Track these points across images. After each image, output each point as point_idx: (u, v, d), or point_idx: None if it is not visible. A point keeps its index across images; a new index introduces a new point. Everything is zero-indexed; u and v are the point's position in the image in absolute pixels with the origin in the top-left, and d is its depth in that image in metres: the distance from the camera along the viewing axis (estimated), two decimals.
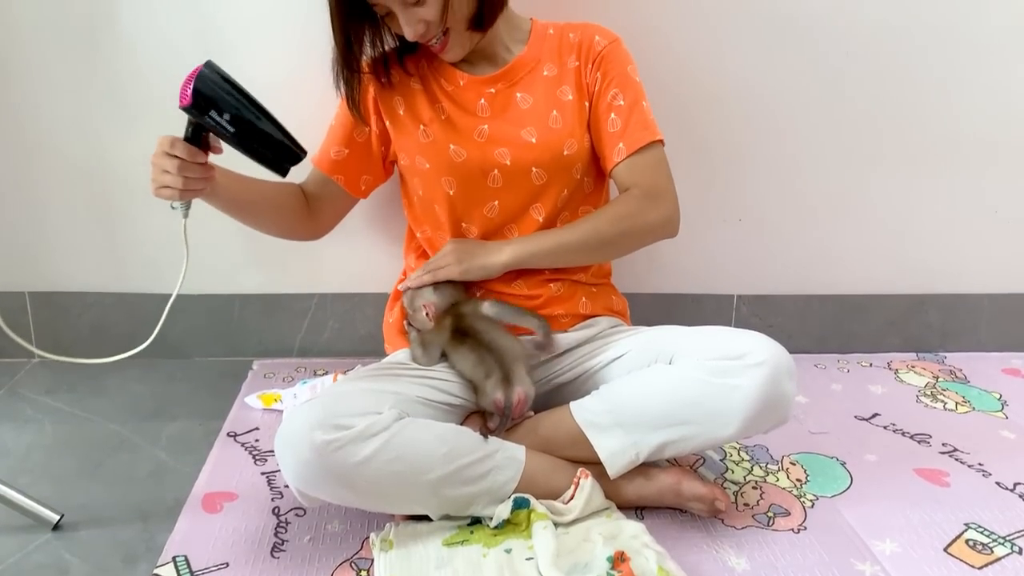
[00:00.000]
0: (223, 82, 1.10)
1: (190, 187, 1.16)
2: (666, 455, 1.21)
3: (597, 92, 1.34)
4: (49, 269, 1.70)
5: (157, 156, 1.15)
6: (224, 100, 1.10)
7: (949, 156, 1.74)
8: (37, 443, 1.43)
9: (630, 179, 1.33)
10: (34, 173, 1.63)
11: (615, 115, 1.33)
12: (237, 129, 1.11)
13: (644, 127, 1.33)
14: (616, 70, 1.34)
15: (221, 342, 1.76)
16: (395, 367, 1.30)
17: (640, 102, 1.34)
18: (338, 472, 1.07)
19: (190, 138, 1.14)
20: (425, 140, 1.34)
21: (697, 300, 1.80)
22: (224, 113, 1.10)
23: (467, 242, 1.35)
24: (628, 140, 1.32)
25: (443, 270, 1.32)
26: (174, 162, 1.13)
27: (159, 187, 1.16)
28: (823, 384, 1.69)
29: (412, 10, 1.21)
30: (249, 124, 1.12)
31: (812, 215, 1.77)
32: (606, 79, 1.33)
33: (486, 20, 1.27)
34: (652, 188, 1.33)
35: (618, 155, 1.32)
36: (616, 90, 1.33)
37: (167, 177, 1.14)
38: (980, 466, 1.39)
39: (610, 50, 1.34)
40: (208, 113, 1.10)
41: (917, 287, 1.83)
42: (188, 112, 1.11)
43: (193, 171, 1.15)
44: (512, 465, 1.18)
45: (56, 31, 1.55)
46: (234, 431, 1.47)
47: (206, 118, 1.10)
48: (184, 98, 1.09)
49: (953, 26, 1.65)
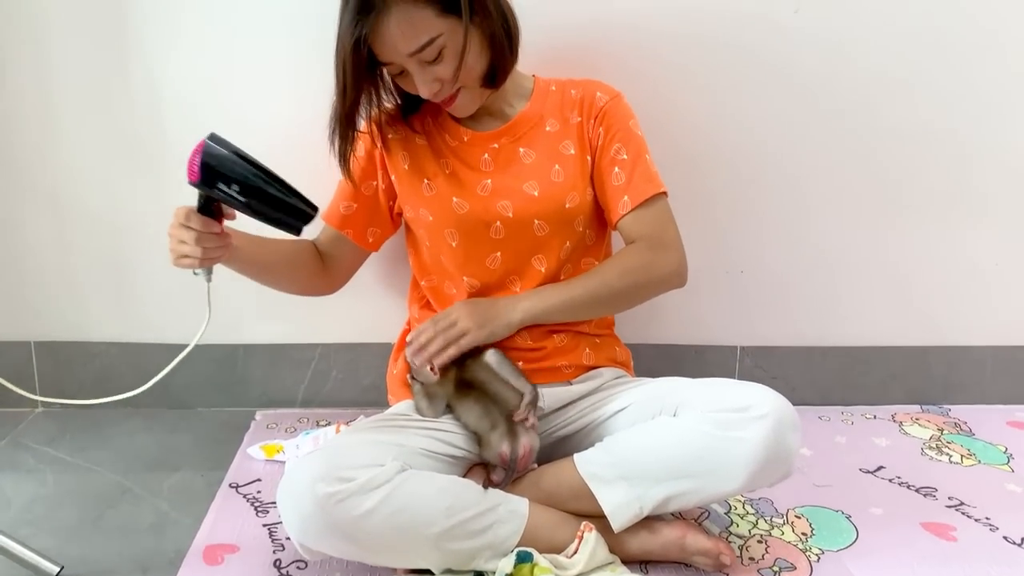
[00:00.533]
0: (228, 153, 1.11)
1: (209, 256, 1.17)
2: (671, 508, 1.20)
3: (600, 147, 1.36)
4: (54, 319, 1.71)
5: (174, 228, 1.16)
6: (231, 171, 1.11)
7: (949, 209, 1.76)
8: (38, 494, 1.42)
9: (636, 231, 1.34)
10: (41, 223, 1.65)
11: (619, 169, 1.35)
12: (247, 197, 1.12)
13: (648, 180, 1.34)
14: (618, 125, 1.36)
15: (224, 392, 1.76)
16: (398, 418, 1.30)
17: (643, 155, 1.36)
18: (340, 525, 1.07)
19: (203, 208, 1.15)
20: (429, 194, 1.36)
21: (700, 352, 1.80)
22: (232, 183, 1.11)
23: (478, 303, 1.34)
24: (632, 193, 1.34)
25: (465, 338, 1.28)
26: (191, 234, 1.15)
27: (178, 257, 1.18)
28: (827, 436, 1.69)
29: (429, 69, 1.22)
30: (259, 191, 1.12)
31: (815, 267, 1.77)
32: (609, 133, 1.36)
33: (498, 78, 1.29)
34: (659, 239, 1.34)
35: (623, 208, 1.34)
36: (619, 144, 1.35)
37: (185, 247, 1.16)
38: (987, 520, 1.38)
39: (612, 105, 1.37)
40: (216, 185, 1.11)
41: (920, 339, 1.83)
42: (197, 187, 1.12)
43: (210, 241, 1.17)
44: (515, 519, 1.17)
45: (68, 83, 1.58)
46: (236, 482, 1.47)
47: (215, 190, 1.11)
48: (192, 173, 1.11)
49: (954, 79, 1.68)
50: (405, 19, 1.17)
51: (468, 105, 1.31)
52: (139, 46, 1.57)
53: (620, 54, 1.59)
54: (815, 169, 1.71)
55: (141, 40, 1.56)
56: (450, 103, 1.30)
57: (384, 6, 1.16)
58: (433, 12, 1.18)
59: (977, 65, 1.67)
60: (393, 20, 1.17)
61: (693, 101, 1.65)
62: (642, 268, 1.33)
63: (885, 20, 1.63)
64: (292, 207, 1.15)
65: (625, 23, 1.59)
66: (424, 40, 1.19)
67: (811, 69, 1.64)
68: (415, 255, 1.48)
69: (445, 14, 1.18)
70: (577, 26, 1.57)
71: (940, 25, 1.64)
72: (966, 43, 1.66)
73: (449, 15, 1.19)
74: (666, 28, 1.60)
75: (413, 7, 1.17)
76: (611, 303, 1.37)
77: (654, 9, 1.59)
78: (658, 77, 1.62)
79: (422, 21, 1.18)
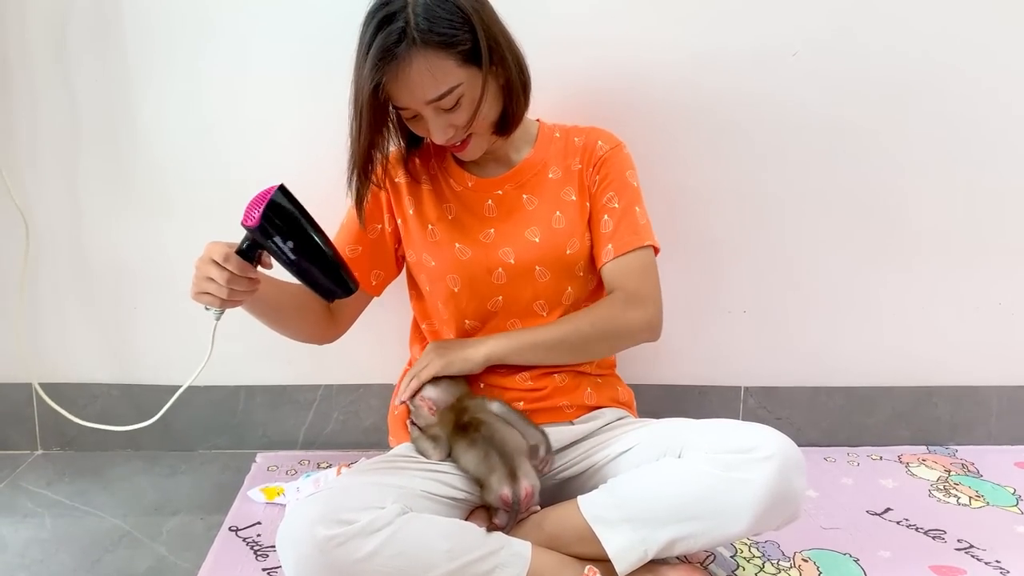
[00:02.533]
0: (293, 209, 1.11)
1: (234, 299, 1.16)
2: (676, 552, 1.18)
3: (595, 194, 1.37)
4: (55, 360, 1.71)
5: (205, 263, 1.14)
6: (291, 227, 1.10)
7: (952, 248, 1.76)
8: (36, 537, 1.41)
9: (616, 281, 1.36)
10: (42, 264, 1.65)
11: (608, 216, 1.36)
12: (297, 256, 1.12)
13: (634, 231, 1.36)
14: (615, 174, 1.37)
15: (225, 434, 1.75)
16: (399, 460, 1.29)
17: (633, 207, 1.37)
18: (340, 568, 1.05)
19: (244, 251, 1.13)
20: (432, 240, 1.36)
21: (704, 392, 1.79)
22: (288, 240, 1.10)
23: (449, 341, 1.38)
24: (617, 242, 1.35)
25: (425, 369, 1.32)
26: (223, 274, 1.13)
27: (200, 292, 1.16)
28: (833, 478, 1.67)
29: (444, 116, 1.23)
30: (310, 254, 1.12)
31: (818, 307, 1.77)
32: (604, 181, 1.37)
33: (510, 126, 1.31)
34: (635, 292, 1.35)
35: (606, 256, 1.35)
36: (612, 193, 1.36)
37: (211, 286, 1.14)
38: (997, 563, 1.36)
39: (611, 155, 1.38)
40: (273, 238, 1.10)
41: (925, 379, 1.82)
42: (251, 232, 1.11)
43: (240, 284, 1.15)
44: (517, 562, 1.15)
45: (69, 123, 1.60)
46: (236, 525, 1.45)
47: (269, 242, 1.10)
48: (250, 218, 1.09)
49: (954, 117, 1.69)
50: (427, 68, 1.18)
51: (477, 151, 1.32)
52: (143, 87, 1.59)
53: (620, 99, 1.60)
54: (817, 209, 1.72)
55: (145, 80, 1.58)
56: (460, 149, 1.30)
57: (407, 54, 1.17)
58: (455, 62, 1.19)
59: (977, 105, 1.69)
60: (415, 68, 1.17)
61: (694, 142, 1.66)
62: (613, 319, 1.34)
63: (883, 63, 1.65)
64: (337, 278, 1.16)
65: (625, 71, 1.61)
66: (444, 89, 1.19)
67: (812, 111, 1.66)
68: (416, 298, 1.48)
69: (466, 64, 1.20)
70: (580, 72, 1.59)
71: (939, 66, 1.66)
72: (966, 83, 1.67)
73: (470, 65, 1.20)
74: (666, 75, 1.62)
75: (435, 56, 1.17)
76: (580, 349, 1.36)
77: (654, 56, 1.61)
78: (658, 120, 1.63)
79: (444, 70, 1.19)
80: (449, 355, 1.32)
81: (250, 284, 1.17)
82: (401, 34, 1.16)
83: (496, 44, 1.22)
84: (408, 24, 1.16)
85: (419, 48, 1.17)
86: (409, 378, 1.33)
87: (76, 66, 1.57)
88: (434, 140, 1.27)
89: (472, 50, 1.19)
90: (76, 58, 1.57)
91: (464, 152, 1.31)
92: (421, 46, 1.16)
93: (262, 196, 1.10)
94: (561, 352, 1.34)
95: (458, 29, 1.18)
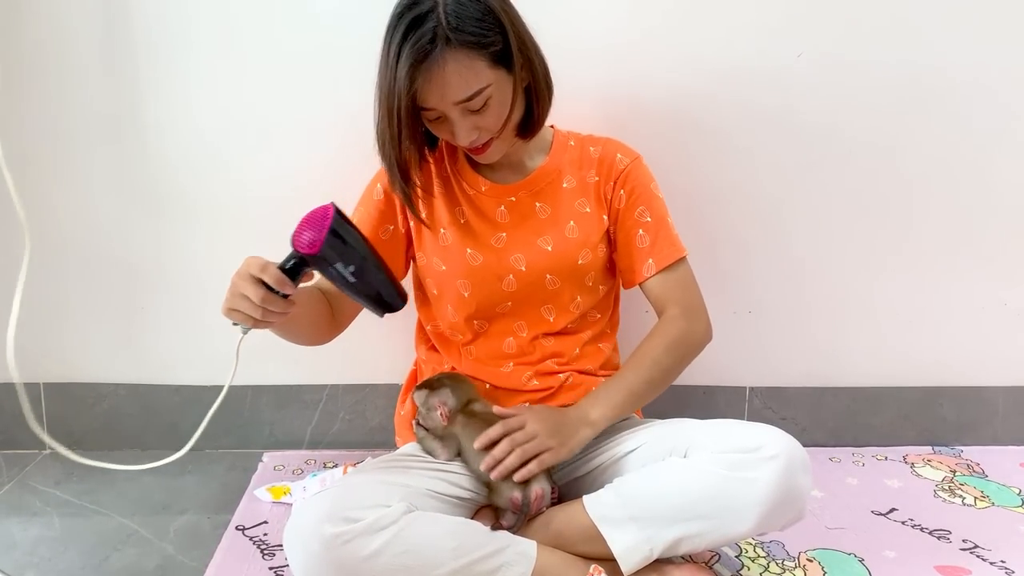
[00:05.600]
0: (352, 232, 1.07)
1: (267, 319, 1.09)
2: (681, 551, 1.19)
3: (623, 209, 1.37)
4: (64, 360, 1.72)
5: (242, 278, 1.07)
6: (352, 253, 1.07)
7: (957, 249, 1.76)
8: (44, 536, 1.42)
9: (664, 295, 1.37)
10: (49, 263, 1.65)
11: (643, 231, 1.37)
12: (357, 280, 1.09)
13: (672, 244, 1.37)
14: (640, 188, 1.38)
15: (232, 434, 1.75)
16: (405, 459, 1.29)
17: (666, 219, 1.38)
18: (346, 566, 1.06)
19: (288, 269, 1.06)
20: (444, 243, 1.36)
21: (709, 392, 1.80)
22: (350, 265, 1.07)
23: (547, 414, 1.27)
24: (657, 257, 1.36)
25: (547, 455, 1.21)
26: (259, 292, 1.06)
27: (231, 309, 1.09)
28: (838, 478, 1.67)
29: (471, 117, 1.22)
30: (372, 275, 1.11)
31: (823, 307, 1.77)
32: (632, 196, 1.37)
33: (533, 129, 1.31)
34: (690, 306, 1.37)
35: (648, 271, 1.37)
36: (643, 207, 1.37)
37: (245, 304, 1.07)
38: (1002, 563, 1.36)
39: (633, 168, 1.38)
40: (334, 264, 1.07)
41: (930, 380, 1.82)
42: (309, 258, 1.05)
43: (276, 305, 1.08)
44: (523, 561, 1.16)
45: (79, 124, 1.61)
46: (243, 524, 1.46)
47: (330, 268, 1.07)
48: (308, 244, 1.04)
49: (957, 119, 1.69)
50: (459, 68, 1.16)
51: (497, 153, 1.30)
52: (153, 87, 1.59)
53: (625, 103, 1.61)
54: (822, 210, 1.72)
55: (152, 81, 1.59)
56: (481, 151, 1.29)
57: (440, 55, 1.15)
58: (486, 63, 1.18)
59: (983, 106, 1.69)
60: (449, 68, 1.16)
61: (700, 145, 1.66)
62: (684, 341, 1.35)
63: (888, 67, 1.64)
64: (392, 294, 1.15)
65: (631, 76, 1.62)
66: (475, 89, 1.18)
67: (816, 114, 1.66)
68: (421, 301, 1.48)
69: (496, 65, 1.19)
70: (588, 77, 1.60)
71: (943, 68, 1.66)
72: (973, 85, 1.67)
73: (499, 66, 1.20)
74: (672, 80, 1.62)
75: (467, 56, 1.16)
76: (663, 381, 1.35)
77: (660, 62, 1.61)
78: (664, 124, 1.63)
79: (475, 71, 1.17)
80: (570, 443, 1.24)
81: (286, 306, 1.09)
82: (433, 34, 1.15)
83: (524, 46, 1.22)
84: (440, 24, 1.14)
85: (452, 48, 1.15)
86: (522, 457, 1.20)
87: (83, 67, 1.58)
88: (459, 142, 1.25)
89: (502, 51, 1.19)
90: (83, 59, 1.57)
91: (485, 155, 1.29)
92: (456, 46, 1.15)
93: (318, 219, 1.05)
94: (650, 392, 1.34)
95: (488, 29, 1.17)
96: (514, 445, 1.21)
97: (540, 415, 1.26)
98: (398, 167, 1.25)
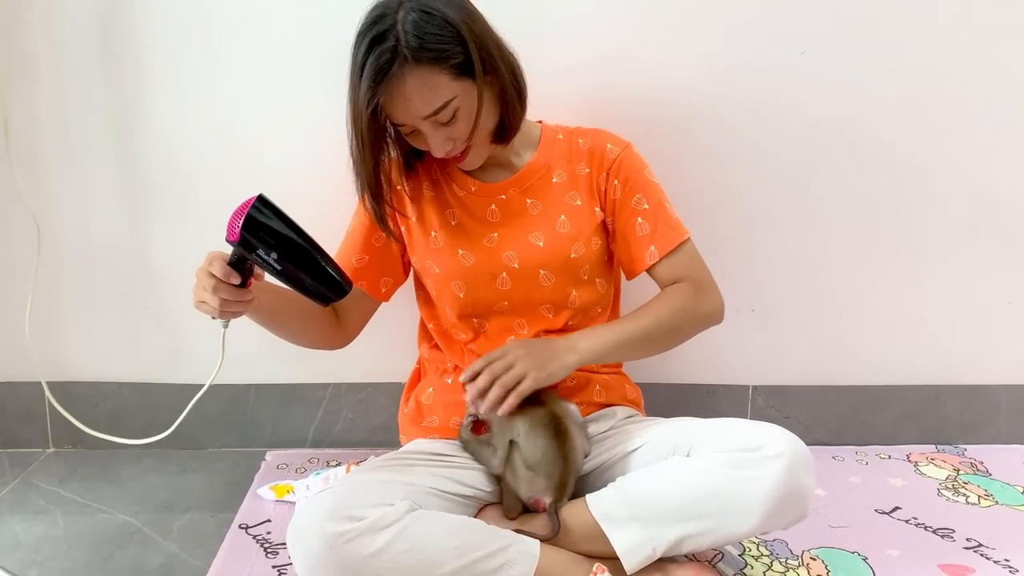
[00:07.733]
0: (274, 219, 1.10)
1: (226, 308, 1.15)
2: (684, 550, 1.19)
3: (619, 199, 1.37)
4: (66, 359, 1.72)
5: (201, 271, 1.14)
6: (271, 238, 1.09)
7: (960, 247, 1.75)
8: (48, 535, 1.42)
9: (673, 276, 1.37)
10: (52, 263, 1.66)
11: (641, 219, 1.36)
12: (283, 266, 1.11)
13: (672, 228, 1.37)
14: (635, 175, 1.37)
15: (235, 432, 1.76)
16: (408, 457, 1.29)
17: (664, 204, 1.38)
18: (349, 564, 1.06)
19: (234, 263, 1.13)
20: (436, 246, 1.37)
21: (712, 391, 1.79)
22: (272, 251, 1.09)
23: (532, 344, 1.28)
24: (659, 243, 1.36)
25: (525, 383, 1.20)
26: (211, 282, 1.12)
27: (198, 301, 1.16)
28: (841, 477, 1.67)
29: (442, 129, 1.23)
30: (297, 261, 1.12)
31: (826, 305, 1.77)
32: (627, 185, 1.37)
33: (508, 134, 1.30)
34: (699, 280, 1.37)
35: (651, 258, 1.36)
36: (639, 195, 1.37)
37: (204, 294, 1.14)
38: (1006, 562, 1.36)
39: (624, 156, 1.38)
40: (256, 251, 1.09)
41: (933, 378, 1.82)
42: (234, 246, 1.11)
43: (229, 294, 1.14)
44: (526, 559, 1.16)
45: (84, 125, 1.61)
46: (246, 523, 1.46)
47: (254, 255, 1.10)
48: (231, 233, 1.09)
49: (962, 117, 1.68)
50: (421, 84, 1.18)
51: (477, 160, 1.32)
52: (155, 89, 1.59)
53: (626, 101, 1.61)
54: (825, 208, 1.71)
55: (158, 82, 1.59)
56: (460, 159, 1.30)
57: (400, 72, 1.16)
58: (448, 76, 1.18)
59: (988, 104, 1.68)
60: (409, 85, 1.17)
61: (701, 143, 1.66)
62: (690, 307, 1.34)
63: (889, 65, 1.64)
64: (328, 281, 1.15)
65: (631, 74, 1.61)
66: (439, 103, 1.19)
67: (820, 112, 1.66)
68: (423, 300, 1.48)
69: (459, 76, 1.19)
70: (586, 75, 1.60)
71: (950, 66, 1.65)
72: (978, 83, 1.67)
73: (463, 77, 1.20)
74: (673, 77, 1.62)
75: (428, 72, 1.17)
76: (662, 341, 1.35)
77: (660, 59, 1.61)
78: (665, 121, 1.63)
79: (437, 85, 1.18)
80: (549, 367, 1.23)
81: (239, 294, 1.15)
82: (393, 52, 1.16)
83: (488, 54, 1.22)
84: (399, 42, 1.15)
85: (411, 65, 1.16)
86: (502, 390, 1.20)
87: (89, 69, 1.58)
88: (434, 153, 1.27)
89: (464, 63, 1.19)
90: (89, 61, 1.58)
91: (464, 162, 1.31)
92: (413, 63, 1.16)
93: (239, 211, 1.09)
94: (646, 345, 1.33)
95: (448, 43, 1.17)
96: (493, 376, 1.21)
97: (524, 344, 1.27)
98: (367, 184, 1.27)
